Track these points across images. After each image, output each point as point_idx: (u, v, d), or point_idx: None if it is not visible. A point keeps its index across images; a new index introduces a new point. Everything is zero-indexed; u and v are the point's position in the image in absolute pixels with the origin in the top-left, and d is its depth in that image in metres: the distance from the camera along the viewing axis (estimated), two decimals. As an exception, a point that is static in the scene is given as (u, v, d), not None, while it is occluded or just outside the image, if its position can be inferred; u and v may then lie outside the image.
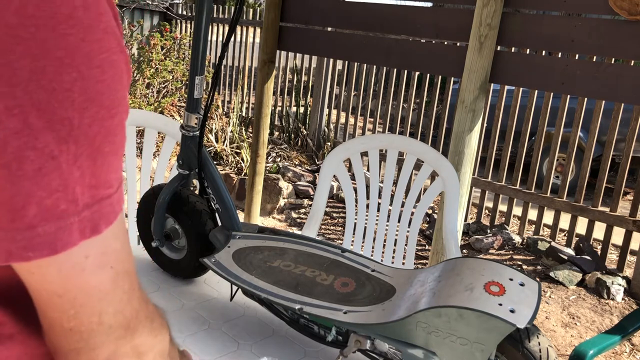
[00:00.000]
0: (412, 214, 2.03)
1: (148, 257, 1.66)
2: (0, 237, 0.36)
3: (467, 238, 4.05)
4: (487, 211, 4.49)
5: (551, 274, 3.46)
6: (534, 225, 4.15)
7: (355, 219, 2.10)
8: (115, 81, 0.40)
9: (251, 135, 3.46)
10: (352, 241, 2.08)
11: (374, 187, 2.07)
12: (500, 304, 1.04)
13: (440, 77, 4.77)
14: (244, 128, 5.73)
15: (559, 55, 2.77)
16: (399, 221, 2.07)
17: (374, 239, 2.09)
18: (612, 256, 3.86)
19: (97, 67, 0.38)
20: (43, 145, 0.36)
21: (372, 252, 2.11)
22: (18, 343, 0.44)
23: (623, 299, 3.29)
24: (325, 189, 2.06)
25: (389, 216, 2.08)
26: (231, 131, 5.33)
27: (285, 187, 4.49)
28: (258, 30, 6.29)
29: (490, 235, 4.00)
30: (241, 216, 3.37)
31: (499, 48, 2.10)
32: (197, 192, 1.64)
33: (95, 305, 0.44)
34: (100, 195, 0.41)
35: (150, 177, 2.15)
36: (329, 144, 5.59)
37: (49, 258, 0.39)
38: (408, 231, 2.03)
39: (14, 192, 0.36)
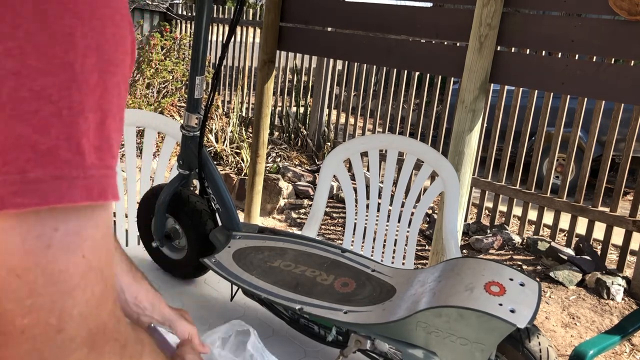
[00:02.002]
0: (412, 214, 2.03)
1: (148, 257, 1.66)
2: None
3: (467, 238, 4.05)
4: (487, 211, 4.49)
5: (551, 274, 3.46)
6: (534, 226, 4.15)
7: (355, 219, 2.10)
8: (117, 42, 0.40)
9: (251, 135, 3.46)
10: (352, 241, 2.08)
11: (374, 187, 2.07)
12: (501, 304, 1.04)
13: (440, 77, 4.77)
14: (244, 128, 5.73)
15: (559, 55, 2.77)
16: (399, 221, 2.07)
17: (374, 239, 2.09)
18: (612, 256, 3.86)
19: (98, 19, 0.38)
20: (40, 88, 0.35)
21: (372, 252, 2.11)
22: None
23: (623, 299, 3.29)
24: (325, 189, 2.06)
25: (389, 216, 2.08)
26: (231, 131, 5.33)
27: (285, 187, 4.49)
28: (258, 30, 6.29)
29: (490, 235, 4.00)
30: (241, 216, 3.37)
31: (499, 48, 2.10)
32: (197, 192, 1.64)
33: (57, 299, 0.37)
34: (106, 162, 0.38)
35: (150, 177, 2.15)
36: (329, 144, 5.59)
37: (15, 222, 0.35)
38: (408, 231, 2.03)
39: (6, 134, 0.34)
